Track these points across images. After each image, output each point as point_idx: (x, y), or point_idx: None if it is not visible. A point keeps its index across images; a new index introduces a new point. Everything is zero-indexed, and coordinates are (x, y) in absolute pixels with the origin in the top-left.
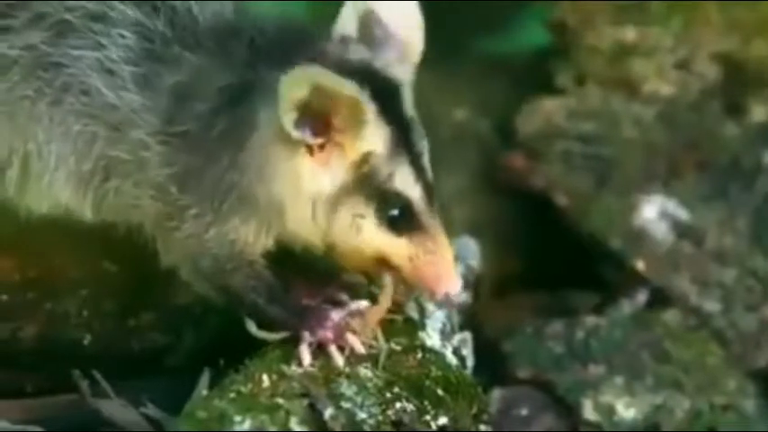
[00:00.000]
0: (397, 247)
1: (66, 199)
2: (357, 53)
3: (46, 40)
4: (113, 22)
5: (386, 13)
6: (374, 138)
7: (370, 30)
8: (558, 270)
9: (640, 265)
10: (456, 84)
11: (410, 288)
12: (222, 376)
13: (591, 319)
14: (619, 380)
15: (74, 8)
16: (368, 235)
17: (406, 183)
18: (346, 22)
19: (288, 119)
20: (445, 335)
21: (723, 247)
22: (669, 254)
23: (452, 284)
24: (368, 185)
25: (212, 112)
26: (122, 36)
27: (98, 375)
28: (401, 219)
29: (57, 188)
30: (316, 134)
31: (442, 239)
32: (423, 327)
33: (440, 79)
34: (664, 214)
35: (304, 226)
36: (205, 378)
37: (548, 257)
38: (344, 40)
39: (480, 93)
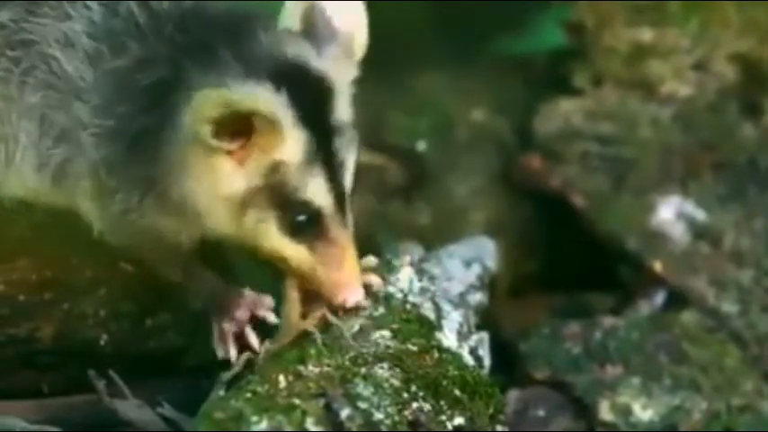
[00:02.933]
0: (297, 254)
1: (32, 181)
2: (296, 49)
3: (15, 17)
4: None
5: (330, 8)
6: (289, 146)
7: (313, 25)
8: (575, 271)
9: (657, 265)
10: (473, 85)
11: (313, 294)
12: (239, 377)
13: (608, 320)
14: (636, 381)
15: None
16: (269, 240)
17: (317, 192)
18: (290, 15)
19: (205, 133)
20: (462, 335)
21: (740, 248)
22: (686, 255)
23: (351, 293)
24: (277, 192)
25: (135, 111)
26: (88, 8)
27: (115, 375)
28: (307, 226)
29: (25, 168)
30: (235, 138)
31: (349, 250)
32: (439, 327)
33: (457, 80)
34: (681, 215)
35: (218, 225)
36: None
37: (565, 258)
38: (287, 34)
39: (497, 94)
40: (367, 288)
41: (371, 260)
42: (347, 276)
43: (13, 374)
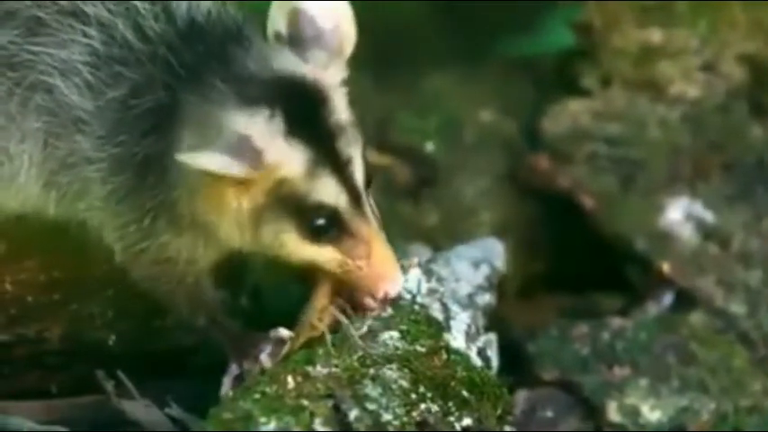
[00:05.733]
0: (324, 256)
1: (35, 197)
2: (284, 61)
3: (14, 38)
4: (83, 19)
5: (315, 9)
6: (289, 164)
7: (299, 28)
8: (584, 272)
9: (666, 266)
10: (481, 85)
11: (351, 290)
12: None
13: (616, 321)
14: (644, 382)
15: (45, 5)
16: (292, 248)
17: (329, 193)
18: (276, 20)
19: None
20: (470, 336)
21: (749, 249)
22: (694, 256)
23: (390, 284)
24: (287, 204)
25: (136, 138)
26: (87, 36)
27: (123, 376)
28: (328, 227)
29: (29, 187)
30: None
31: (377, 242)
32: (448, 328)
33: (465, 81)
34: (689, 216)
35: (234, 241)
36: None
37: (573, 259)
38: (274, 46)
39: (506, 94)
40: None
41: None
42: (382, 268)
43: (21, 375)
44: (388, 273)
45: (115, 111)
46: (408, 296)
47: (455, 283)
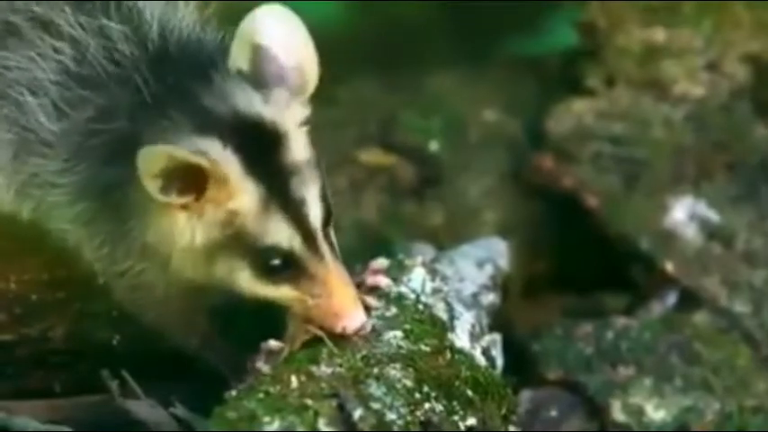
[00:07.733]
0: (281, 294)
1: (9, 203)
2: (244, 99)
3: None
4: (56, 33)
5: (277, 47)
6: (240, 196)
7: (260, 66)
8: (588, 271)
9: (670, 266)
10: (486, 85)
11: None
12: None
13: (620, 321)
14: (648, 381)
15: (21, 11)
16: (246, 286)
17: (281, 236)
18: (238, 57)
19: (152, 187)
20: (474, 336)
21: (753, 249)
22: (699, 255)
23: (350, 320)
24: (239, 241)
25: (99, 164)
26: (58, 51)
27: (127, 375)
28: (284, 267)
29: (0, 191)
30: (184, 192)
31: (335, 280)
32: (452, 328)
33: (470, 80)
34: (693, 215)
35: (187, 274)
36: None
37: (577, 258)
38: (237, 83)
39: (510, 94)
40: (377, 289)
41: (383, 261)
42: (341, 304)
43: (25, 374)
44: (346, 311)
45: (80, 134)
46: (412, 295)
47: (459, 283)
